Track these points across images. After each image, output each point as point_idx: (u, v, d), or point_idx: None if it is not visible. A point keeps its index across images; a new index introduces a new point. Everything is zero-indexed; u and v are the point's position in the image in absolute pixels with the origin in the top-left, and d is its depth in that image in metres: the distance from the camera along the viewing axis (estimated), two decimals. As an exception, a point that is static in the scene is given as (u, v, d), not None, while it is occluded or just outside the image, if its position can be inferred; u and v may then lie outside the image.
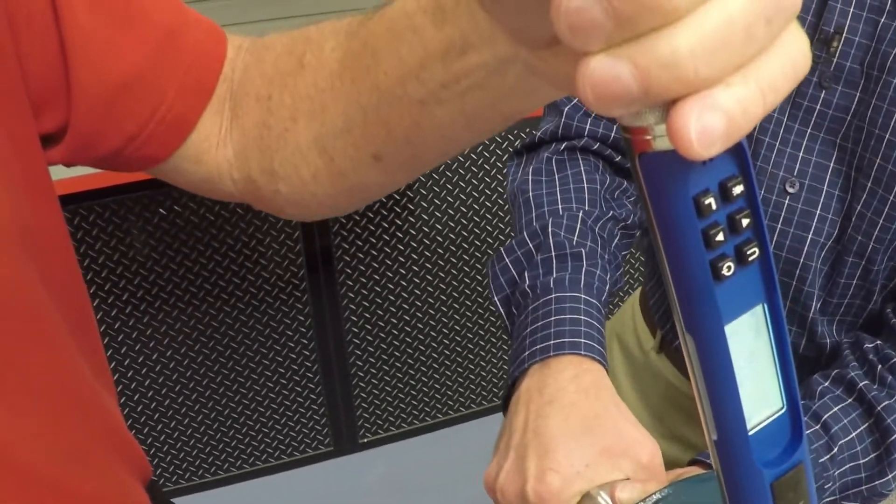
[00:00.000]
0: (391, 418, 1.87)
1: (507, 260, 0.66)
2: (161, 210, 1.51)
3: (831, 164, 0.61)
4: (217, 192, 0.45)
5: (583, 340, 0.55)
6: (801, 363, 0.69)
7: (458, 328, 1.83)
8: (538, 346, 0.55)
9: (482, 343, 1.87)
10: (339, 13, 0.39)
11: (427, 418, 1.91)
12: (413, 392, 1.87)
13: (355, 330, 1.75)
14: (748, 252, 0.21)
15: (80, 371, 0.43)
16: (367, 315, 1.74)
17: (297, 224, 1.60)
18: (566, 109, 0.70)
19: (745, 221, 0.21)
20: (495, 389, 1.94)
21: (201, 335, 1.64)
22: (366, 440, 1.87)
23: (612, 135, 0.70)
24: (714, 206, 0.20)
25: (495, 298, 0.65)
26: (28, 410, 0.38)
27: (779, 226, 0.63)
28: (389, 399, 1.85)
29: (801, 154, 0.61)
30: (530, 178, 0.70)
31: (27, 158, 0.38)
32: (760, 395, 0.24)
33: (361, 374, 1.80)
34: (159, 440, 1.70)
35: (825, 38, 0.58)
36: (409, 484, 1.80)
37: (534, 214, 0.66)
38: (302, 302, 1.68)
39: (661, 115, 0.19)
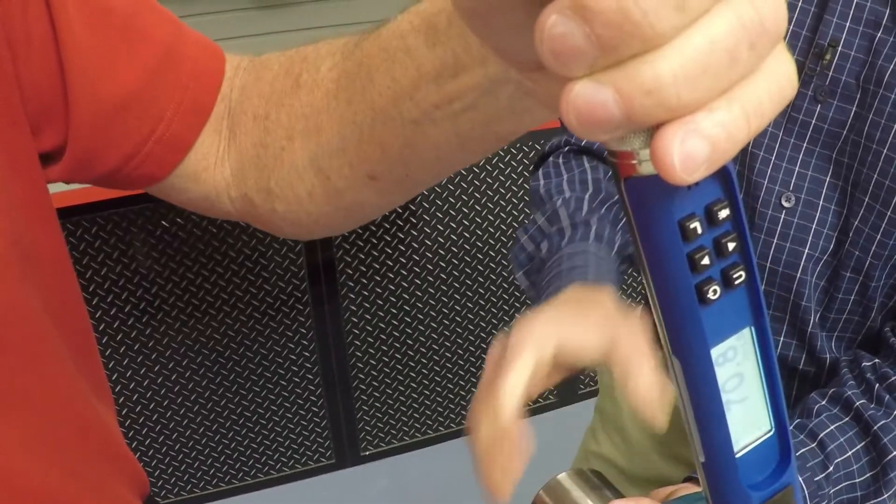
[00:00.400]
0: (393, 431, 1.87)
1: (523, 239, 0.69)
2: (164, 223, 1.51)
3: (827, 179, 0.60)
4: (215, 210, 0.45)
5: (592, 270, 0.57)
6: (802, 380, 0.69)
7: (459, 341, 1.83)
8: (551, 288, 0.57)
9: (484, 356, 1.87)
10: (336, 27, 0.39)
11: (429, 431, 1.90)
12: (415, 405, 1.86)
13: (357, 342, 1.75)
14: (734, 275, 0.21)
15: (78, 389, 0.43)
16: (369, 328, 1.74)
17: (300, 236, 1.61)
18: None
19: (731, 245, 0.21)
20: (497, 402, 1.94)
21: (203, 347, 1.64)
22: (367, 453, 1.86)
23: None
24: (700, 231, 0.20)
25: (518, 274, 0.68)
26: (24, 426, 0.38)
27: (775, 240, 0.62)
28: (391, 411, 1.85)
29: (796, 168, 0.61)
30: (541, 179, 0.73)
31: (26, 177, 0.38)
32: (748, 418, 0.24)
33: (363, 386, 1.80)
34: (161, 452, 1.70)
35: (820, 52, 0.58)
36: (411, 496, 1.79)
37: (546, 204, 0.69)
38: (304, 314, 1.68)
39: (645, 139, 0.19)
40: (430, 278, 1.75)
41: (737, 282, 0.21)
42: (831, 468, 0.56)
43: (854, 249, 0.60)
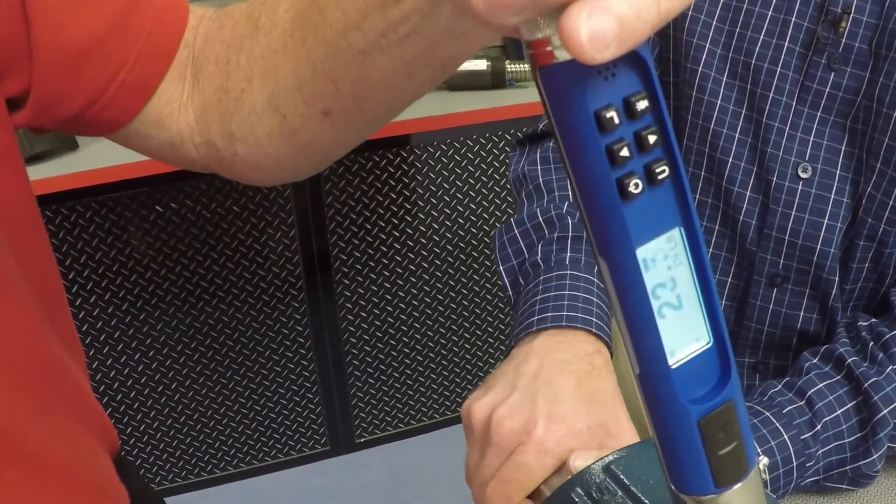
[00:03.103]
0: (388, 418, 1.87)
1: (515, 231, 0.66)
2: (158, 208, 1.51)
3: (843, 147, 0.60)
4: (179, 157, 0.45)
5: (594, 320, 0.55)
6: None
7: (454, 328, 1.83)
8: (552, 314, 0.55)
9: (478, 343, 1.87)
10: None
11: (423, 418, 1.90)
12: (409, 392, 1.86)
13: (352, 329, 1.75)
14: (657, 170, 0.20)
15: (46, 338, 0.43)
16: (364, 315, 1.74)
17: (295, 225, 1.61)
18: None
19: (651, 138, 0.20)
20: (493, 390, 1.94)
21: (198, 333, 1.64)
22: (362, 440, 1.86)
23: None
24: (617, 121, 0.20)
25: (500, 267, 0.66)
26: None
27: (793, 212, 0.61)
28: (386, 399, 1.85)
29: (811, 138, 0.60)
30: (539, 165, 0.70)
31: None
32: (684, 329, 0.23)
33: (358, 374, 1.80)
34: (155, 438, 1.70)
35: (833, 19, 0.57)
36: (406, 483, 1.79)
37: (546, 199, 0.67)
38: (299, 301, 1.68)
39: (557, 25, 0.18)
40: (425, 265, 1.74)
41: (660, 177, 0.21)
42: (819, 426, 0.55)
43: (867, 216, 0.59)
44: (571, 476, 0.36)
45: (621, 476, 0.33)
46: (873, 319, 0.60)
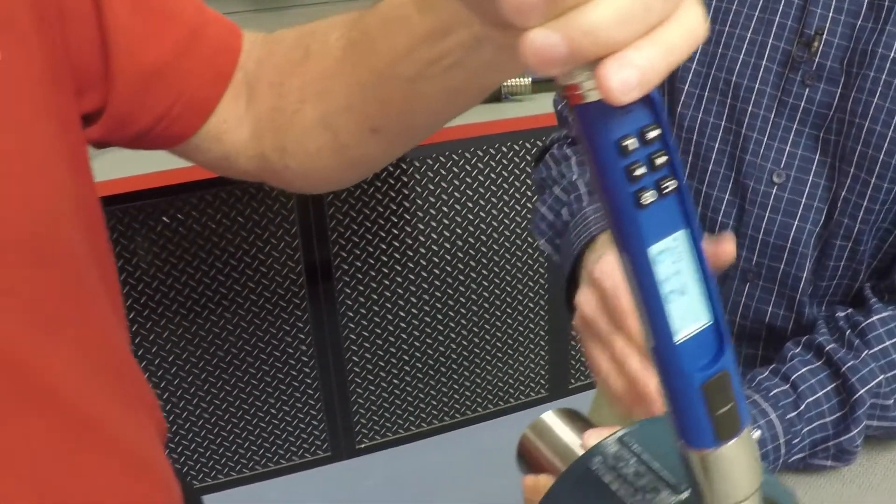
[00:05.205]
0: (388, 424, 1.90)
1: (542, 210, 0.76)
2: (164, 218, 1.55)
3: (816, 157, 0.65)
4: (233, 169, 0.50)
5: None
6: None
7: (453, 336, 1.87)
8: (582, 237, 0.68)
9: (477, 350, 1.91)
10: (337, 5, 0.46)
11: (423, 424, 1.94)
12: (410, 398, 1.90)
13: (353, 337, 1.79)
14: (664, 185, 0.26)
15: (111, 323, 0.48)
16: (365, 323, 1.78)
17: (298, 234, 1.65)
18: (569, 119, 0.81)
19: (660, 160, 0.26)
20: (490, 396, 1.98)
21: (202, 342, 1.68)
22: (363, 446, 1.90)
23: None
24: (633, 147, 0.25)
25: (541, 242, 0.77)
26: (73, 347, 0.43)
27: (767, 213, 0.67)
28: (386, 405, 1.88)
29: (787, 147, 0.66)
30: (549, 166, 0.80)
31: (73, 136, 0.44)
32: (688, 310, 0.28)
33: (359, 380, 1.84)
34: (160, 444, 1.73)
35: (807, 41, 0.63)
36: (406, 489, 1.82)
37: (559, 182, 0.76)
38: (301, 309, 1.72)
39: (588, 73, 0.24)
40: (425, 274, 1.79)
41: (666, 190, 0.26)
42: (803, 407, 0.61)
43: (843, 218, 0.64)
44: (586, 450, 0.41)
45: (633, 445, 0.38)
46: (850, 310, 0.66)
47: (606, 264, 0.57)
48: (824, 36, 0.62)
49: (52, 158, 0.41)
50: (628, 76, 0.23)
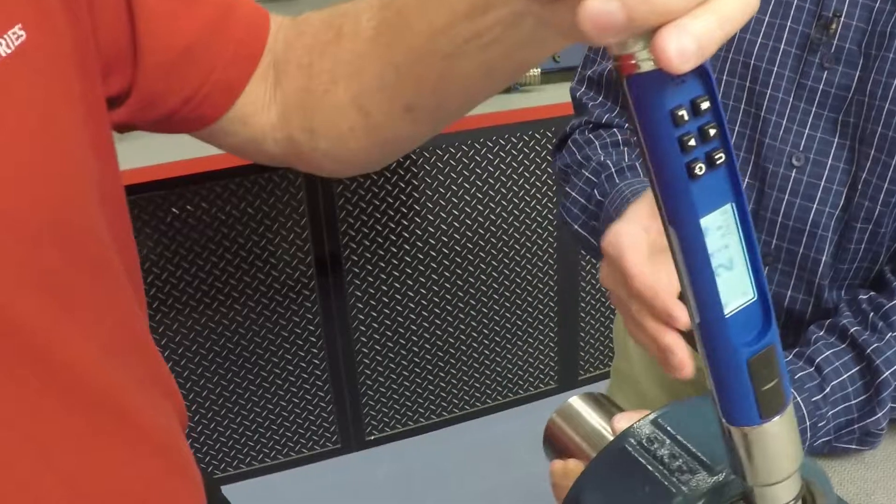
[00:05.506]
0: (397, 416, 1.91)
1: (574, 194, 0.76)
2: (174, 210, 1.55)
3: (835, 140, 0.65)
4: (260, 153, 0.50)
5: None
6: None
7: (463, 327, 1.87)
8: (622, 203, 0.68)
9: (487, 342, 1.91)
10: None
11: (433, 416, 1.94)
12: (419, 390, 1.90)
13: (362, 329, 1.79)
14: (716, 157, 0.26)
15: (134, 309, 0.47)
16: (374, 314, 1.79)
17: (307, 225, 1.65)
18: (588, 106, 0.81)
19: (712, 131, 0.26)
20: (499, 388, 1.98)
21: (212, 333, 1.68)
22: (372, 437, 1.90)
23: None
24: (686, 118, 0.25)
25: (574, 228, 0.76)
26: (101, 338, 0.43)
27: (786, 196, 0.67)
28: (396, 397, 1.89)
29: (806, 130, 0.66)
30: (573, 152, 0.80)
31: (98, 120, 0.43)
32: (734, 285, 0.28)
33: (368, 372, 1.84)
34: (171, 436, 1.73)
35: (825, 23, 0.63)
36: (415, 481, 1.83)
37: (585, 166, 0.76)
38: (311, 301, 1.72)
39: (643, 44, 0.24)
40: (434, 265, 1.79)
41: (718, 162, 0.26)
42: (828, 389, 0.61)
43: (864, 200, 0.65)
44: (617, 434, 0.41)
45: (668, 427, 0.38)
46: (872, 293, 0.66)
47: (611, 234, 0.57)
48: (842, 18, 0.62)
49: (75, 140, 0.41)
50: (686, 44, 0.23)
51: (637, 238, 0.54)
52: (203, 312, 1.65)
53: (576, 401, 0.52)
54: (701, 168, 0.26)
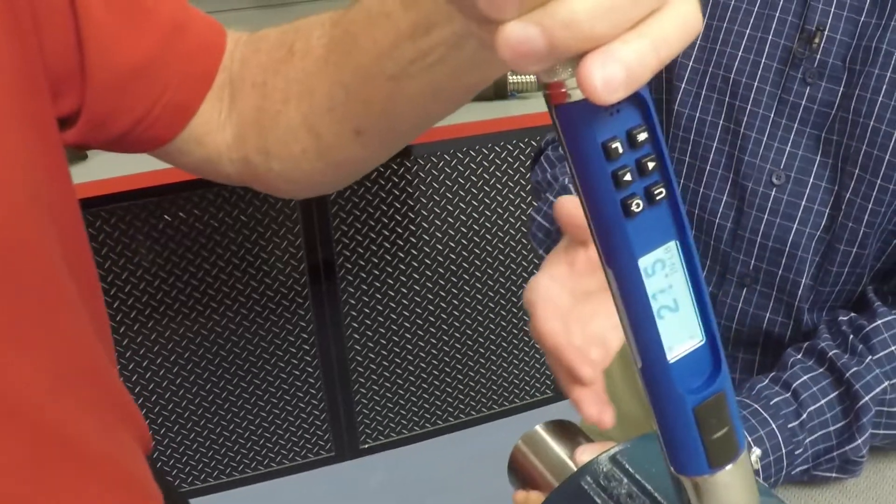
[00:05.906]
0: (392, 424, 1.89)
1: (539, 218, 0.75)
2: (166, 217, 1.54)
3: (817, 158, 0.63)
4: (216, 173, 0.49)
5: None
6: None
7: (457, 335, 1.86)
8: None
9: (481, 351, 1.90)
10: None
11: (427, 425, 1.93)
12: (413, 399, 1.89)
13: (356, 337, 1.78)
14: (656, 192, 0.24)
15: (89, 337, 0.46)
16: (368, 323, 1.77)
17: (301, 233, 1.64)
18: None
19: (651, 165, 0.24)
20: (494, 397, 1.96)
21: (205, 341, 1.67)
22: (366, 446, 1.89)
23: None
24: (621, 150, 0.23)
25: (541, 251, 0.75)
26: (43, 365, 0.41)
27: (765, 216, 0.65)
28: (390, 406, 1.87)
29: (787, 148, 0.64)
30: (544, 169, 0.78)
31: (46, 140, 0.42)
32: (680, 328, 0.26)
33: (362, 380, 1.83)
34: (162, 444, 1.72)
35: (808, 37, 0.61)
36: (409, 489, 1.81)
37: (553, 185, 0.75)
38: (304, 309, 1.71)
39: (572, 71, 0.22)
40: (429, 273, 1.77)
41: (658, 198, 0.24)
42: (805, 416, 0.59)
43: (848, 221, 0.62)
44: (578, 468, 0.39)
45: (626, 465, 0.36)
46: (853, 314, 0.63)
47: (528, 287, 0.55)
48: (826, 32, 0.60)
49: (25, 165, 0.39)
50: (613, 72, 0.21)
51: (547, 292, 0.52)
52: (196, 320, 1.64)
53: (542, 428, 0.50)
54: (638, 205, 0.24)
